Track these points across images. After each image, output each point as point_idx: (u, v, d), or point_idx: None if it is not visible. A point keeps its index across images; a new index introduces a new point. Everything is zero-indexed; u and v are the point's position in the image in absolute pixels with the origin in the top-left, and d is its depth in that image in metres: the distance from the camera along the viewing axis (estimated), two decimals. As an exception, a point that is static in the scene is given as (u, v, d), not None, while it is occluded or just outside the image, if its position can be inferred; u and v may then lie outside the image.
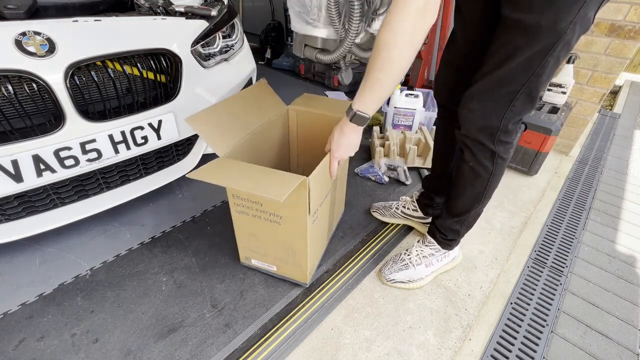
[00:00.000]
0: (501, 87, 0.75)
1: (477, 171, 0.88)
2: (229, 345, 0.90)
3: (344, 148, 0.86)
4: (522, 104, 0.76)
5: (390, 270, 1.09)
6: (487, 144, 0.83)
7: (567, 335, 0.96)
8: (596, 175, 1.72)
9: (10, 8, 0.90)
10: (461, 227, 1.03)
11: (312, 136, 1.22)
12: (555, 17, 0.63)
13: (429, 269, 1.09)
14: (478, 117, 0.81)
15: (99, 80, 0.97)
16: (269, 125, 1.10)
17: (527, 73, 0.71)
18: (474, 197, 0.94)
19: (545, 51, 0.67)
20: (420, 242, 1.12)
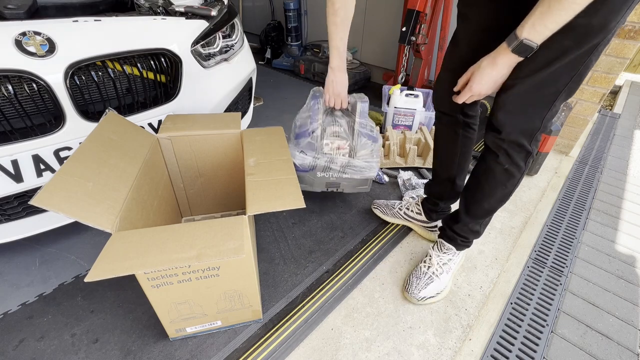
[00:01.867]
0: (543, 89, 0.74)
1: (511, 172, 0.88)
2: (229, 345, 0.90)
3: (490, 83, 0.76)
4: (562, 102, 0.76)
5: (418, 288, 1.04)
6: (526, 144, 0.82)
7: (567, 335, 0.96)
8: (596, 175, 1.72)
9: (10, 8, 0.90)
10: (481, 227, 1.03)
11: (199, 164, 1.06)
12: (607, 16, 0.63)
13: (449, 275, 1.08)
14: (520, 120, 0.80)
15: (99, 80, 0.97)
16: (149, 165, 0.89)
17: (571, 73, 0.71)
18: (502, 197, 0.94)
19: (590, 50, 0.67)
20: (437, 251, 1.09)
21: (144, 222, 0.81)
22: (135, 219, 0.76)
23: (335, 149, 1.23)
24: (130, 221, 0.73)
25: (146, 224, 0.83)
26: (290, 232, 1.28)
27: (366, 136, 1.22)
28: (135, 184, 0.79)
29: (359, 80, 2.72)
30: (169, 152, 1.02)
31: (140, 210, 0.80)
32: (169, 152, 1.01)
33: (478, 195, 0.97)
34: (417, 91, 1.87)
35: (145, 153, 0.88)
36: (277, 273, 1.11)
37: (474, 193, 0.98)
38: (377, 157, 1.25)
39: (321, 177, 1.27)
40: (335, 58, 1.07)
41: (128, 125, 0.92)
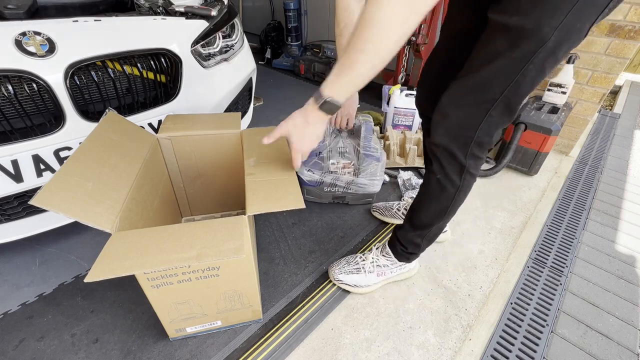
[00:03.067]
0: (478, 93, 0.70)
1: (444, 185, 0.83)
2: (229, 345, 0.90)
3: (310, 140, 0.75)
4: (500, 114, 0.70)
5: (341, 270, 1.06)
6: (458, 156, 0.77)
7: (567, 335, 0.96)
8: (596, 175, 1.72)
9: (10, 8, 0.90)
10: (422, 241, 0.98)
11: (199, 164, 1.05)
12: (539, 20, 0.59)
13: (380, 278, 1.05)
14: (452, 124, 0.75)
15: (99, 80, 0.97)
16: (149, 165, 0.89)
17: (506, 80, 0.66)
18: (438, 212, 0.90)
19: (526, 58, 0.62)
20: (378, 250, 1.07)
21: (144, 222, 0.81)
22: (135, 219, 0.75)
23: (341, 168, 1.30)
24: (130, 221, 0.73)
25: (146, 224, 0.82)
26: (290, 232, 1.28)
27: (370, 157, 1.29)
28: (136, 184, 0.78)
29: (359, 80, 2.71)
30: (169, 152, 1.01)
31: (141, 210, 0.80)
32: (169, 152, 1.01)
33: (416, 205, 0.94)
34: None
35: (145, 153, 0.88)
36: (277, 273, 1.11)
37: (415, 202, 0.94)
38: (381, 174, 1.32)
39: (328, 191, 1.36)
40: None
41: (128, 125, 0.91)
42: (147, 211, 0.84)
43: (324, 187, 1.34)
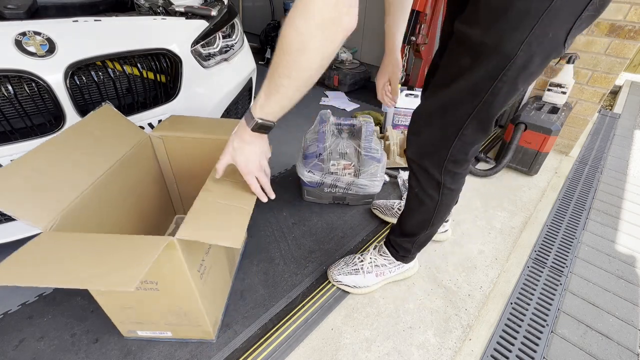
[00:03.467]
0: (447, 112, 0.67)
1: (421, 199, 0.82)
2: (229, 345, 0.90)
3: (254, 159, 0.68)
4: (474, 132, 0.67)
5: (339, 271, 1.06)
6: (433, 172, 0.75)
7: (567, 335, 0.96)
8: (596, 175, 1.72)
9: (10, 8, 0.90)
10: (412, 247, 0.98)
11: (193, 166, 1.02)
12: (501, 35, 0.54)
13: (379, 278, 1.05)
14: (424, 141, 0.73)
15: (98, 80, 0.97)
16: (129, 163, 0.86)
17: (475, 99, 0.62)
18: (421, 223, 0.89)
19: (493, 76, 0.58)
20: (375, 250, 1.07)
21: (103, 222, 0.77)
22: (88, 218, 0.71)
23: (341, 169, 1.30)
24: (79, 220, 0.68)
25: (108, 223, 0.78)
26: (290, 232, 1.28)
27: (371, 158, 1.28)
28: (101, 182, 0.76)
29: (359, 80, 2.72)
30: (161, 151, 0.99)
31: (100, 209, 0.76)
32: (161, 151, 0.99)
33: (404, 213, 0.94)
34: (417, 91, 1.87)
35: (125, 151, 0.86)
36: (277, 273, 1.11)
37: (403, 209, 0.94)
38: (382, 175, 1.31)
39: (328, 192, 1.36)
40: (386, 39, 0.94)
41: (120, 121, 0.89)
42: (113, 210, 0.82)
43: (324, 188, 1.34)
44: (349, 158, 1.29)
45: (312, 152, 1.27)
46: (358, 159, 1.29)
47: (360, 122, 1.36)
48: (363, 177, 1.29)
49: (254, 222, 1.32)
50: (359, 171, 1.29)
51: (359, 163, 1.28)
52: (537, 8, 0.51)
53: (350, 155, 1.29)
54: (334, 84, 2.66)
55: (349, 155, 1.29)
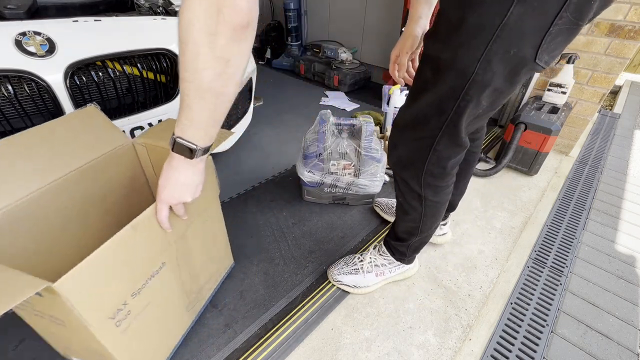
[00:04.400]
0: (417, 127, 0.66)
1: (406, 209, 0.82)
2: (229, 345, 0.90)
3: (174, 188, 0.58)
4: (447, 147, 0.66)
5: (339, 271, 1.06)
6: (413, 185, 0.74)
7: (567, 335, 0.96)
8: (596, 175, 1.72)
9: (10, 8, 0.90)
10: (407, 250, 0.99)
11: None
12: (455, 51, 0.52)
13: (379, 278, 1.05)
14: (400, 154, 0.72)
15: (98, 80, 0.97)
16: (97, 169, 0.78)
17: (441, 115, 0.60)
18: (411, 230, 0.90)
19: (454, 94, 0.56)
20: (375, 250, 1.07)
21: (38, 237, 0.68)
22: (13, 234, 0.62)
23: (341, 169, 1.30)
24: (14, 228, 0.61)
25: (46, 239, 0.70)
26: (290, 232, 1.28)
27: (371, 158, 1.28)
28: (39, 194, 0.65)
29: (359, 80, 2.72)
30: (145, 160, 0.91)
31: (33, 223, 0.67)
32: (145, 159, 0.91)
33: (395, 218, 0.94)
34: (417, 91, 1.86)
35: (97, 155, 0.77)
36: (277, 273, 1.11)
37: (395, 214, 0.94)
38: (382, 175, 1.31)
39: (328, 192, 1.37)
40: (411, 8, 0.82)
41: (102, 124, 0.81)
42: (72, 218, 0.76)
43: (324, 188, 1.34)
44: (349, 158, 1.29)
45: (312, 152, 1.27)
46: (358, 159, 1.29)
47: (360, 122, 1.36)
48: (363, 177, 1.29)
49: (254, 222, 1.32)
50: (359, 171, 1.29)
51: (359, 163, 1.28)
52: (491, 23, 0.49)
53: (350, 155, 1.29)
54: (334, 84, 2.66)
55: (349, 155, 1.29)
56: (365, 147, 1.28)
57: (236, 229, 1.28)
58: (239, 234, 1.25)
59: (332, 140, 1.31)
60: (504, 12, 0.48)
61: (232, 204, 1.40)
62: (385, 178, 1.58)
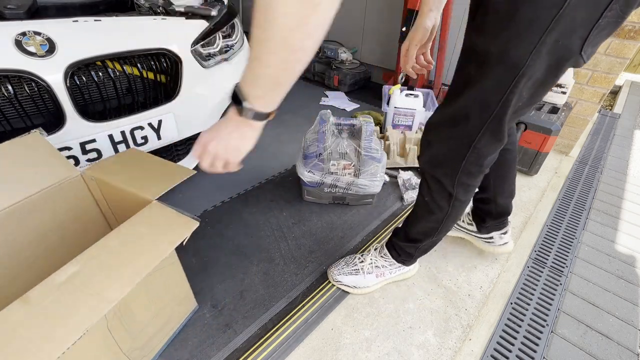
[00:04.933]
0: (458, 125, 0.64)
1: (431, 208, 0.80)
2: (229, 345, 0.90)
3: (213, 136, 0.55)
4: (488, 144, 0.65)
5: (339, 271, 1.06)
6: (446, 184, 0.73)
7: (567, 335, 0.96)
8: (596, 175, 1.72)
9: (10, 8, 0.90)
10: (415, 252, 0.98)
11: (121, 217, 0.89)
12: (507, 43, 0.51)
13: (379, 279, 1.05)
14: (436, 153, 0.71)
15: (99, 80, 0.97)
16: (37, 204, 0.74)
17: (485, 112, 0.59)
18: (427, 231, 0.88)
19: (501, 88, 0.55)
20: (376, 251, 1.06)
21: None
22: None
23: (342, 169, 1.30)
24: None
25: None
26: (290, 232, 1.28)
27: (371, 158, 1.28)
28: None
29: (359, 80, 2.72)
30: (96, 192, 0.87)
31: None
32: (96, 191, 0.87)
33: (410, 219, 0.92)
34: (417, 91, 1.87)
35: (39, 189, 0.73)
36: (277, 273, 1.11)
37: (410, 214, 0.93)
38: (382, 175, 1.31)
39: (328, 192, 1.37)
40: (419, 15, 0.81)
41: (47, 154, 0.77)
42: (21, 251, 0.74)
43: (324, 188, 1.34)
44: (349, 158, 1.29)
45: (312, 152, 1.27)
46: (358, 159, 1.29)
47: (360, 122, 1.36)
48: (363, 177, 1.29)
49: (254, 222, 1.32)
50: (359, 171, 1.29)
51: (359, 163, 1.28)
52: (546, 15, 0.48)
53: (350, 155, 1.29)
54: (334, 84, 2.66)
55: (349, 155, 1.30)
56: (365, 147, 1.28)
57: (236, 228, 1.28)
58: (239, 233, 1.25)
59: (332, 140, 1.31)
60: (561, 3, 0.47)
61: (232, 204, 1.40)
62: (385, 178, 1.58)
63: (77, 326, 0.51)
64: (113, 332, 0.68)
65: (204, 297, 1.02)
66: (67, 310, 0.52)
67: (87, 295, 0.55)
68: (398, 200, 1.47)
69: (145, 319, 0.78)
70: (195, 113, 1.26)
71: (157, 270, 0.75)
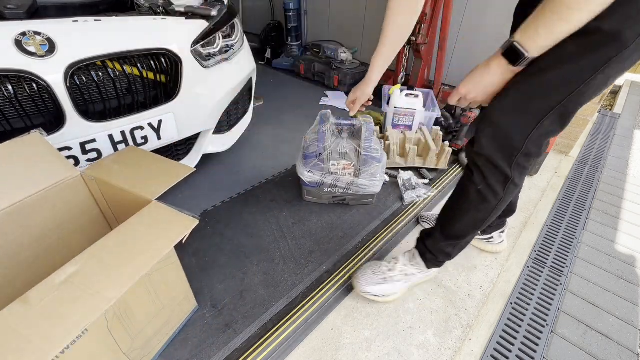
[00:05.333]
0: (533, 101, 0.64)
1: (484, 196, 0.78)
2: (229, 345, 0.90)
3: (479, 87, 0.68)
4: (551, 124, 0.65)
5: (367, 281, 1.02)
6: (503, 166, 0.73)
7: (567, 335, 0.96)
8: (596, 175, 1.72)
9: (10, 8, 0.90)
10: (454, 250, 0.95)
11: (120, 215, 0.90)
12: (622, 23, 0.52)
13: (406, 285, 1.04)
14: (499, 133, 0.70)
15: (99, 80, 0.97)
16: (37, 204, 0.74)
17: (567, 88, 0.60)
18: (475, 223, 0.85)
19: (597, 65, 0.56)
20: (406, 259, 1.04)
21: None
22: None
23: (342, 169, 1.30)
24: None
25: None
26: (290, 232, 1.28)
27: (371, 158, 1.28)
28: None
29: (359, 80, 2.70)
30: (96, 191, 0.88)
31: None
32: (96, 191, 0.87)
33: (450, 215, 0.90)
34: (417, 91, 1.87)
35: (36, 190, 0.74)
36: (277, 273, 1.11)
37: (448, 211, 0.91)
38: (382, 175, 1.31)
39: (328, 192, 1.37)
40: (369, 70, 1.06)
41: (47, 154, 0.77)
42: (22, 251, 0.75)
43: (324, 188, 1.34)
44: (349, 158, 1.29)
45: (312, 152, 1.27)
46: (358, 159, 1.29)
47: (360, 122, 1.36)
48: (363, 177, 1.29)
49: (254, 222, 1.32)
50: (359, 171, 1.29)
51: (359, 163, 1.28)
52: None
53: (350, 155, 1.29)
54: (334, 84, 2.66)
55: (349, 155, 1.29)
56: (365, 147, 1.28)
57: (236, 228, 1.28)
58: (239, 233, 1.25)
59: (332, 140, 1.31)
60: None
61: (232, 204, 1.40)
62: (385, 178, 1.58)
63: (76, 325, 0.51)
64: (113, 332, 0.68)
65: (204, 297, 1.02)
66: (66, 310, 0.53)
67: (86, 294, 0.55)
68: (398, 200, 1.47)
69: (145, 319, 0.78)
70: (195, 113, 1.26)
71: (157, 270, 0.76)
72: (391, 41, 0.96)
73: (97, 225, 0.93)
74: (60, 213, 0.82)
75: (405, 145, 1.69)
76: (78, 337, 0.58)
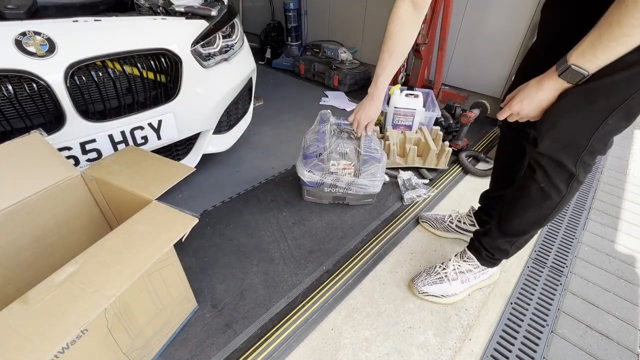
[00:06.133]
0: (596, 102, 0.65)
1: (547, 193, 0.79)
2: (229, 345, 0.90)
3: (532, 105, 0.71)
4: (617, 121, 0.65)
5: (423, 282, 1.04)
6: (567, 164, 0.73)
7: (567, 335, 0.96)
8: (596, 175, 1.72)
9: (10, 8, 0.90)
10: (511, 247, 0.94)
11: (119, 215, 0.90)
12: None
13: (465, 285, 1.03)
14: (563, 133, 0.70)
15: (99, 80, 0.97)
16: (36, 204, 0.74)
17: (630, 90, 0.61)
18: (536, 220, 0.85)
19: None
20: (458, 257, 1.06)
21: None
22: None
23: (342, 168, 1.30)
24: None
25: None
26: (290, 232, 1.28)
27: (371, 158, 1.28)
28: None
29: (359, 80, 2.72)
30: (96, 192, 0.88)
31: None
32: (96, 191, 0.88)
33: (510, 212, 0.89)
34: (417, 91, 1.87)
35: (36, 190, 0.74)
36: (277, 273, 1.11)
37: (508, 209, 0.90)
38: (382, 175, 1.31)
39: (328, 192, 1.36)
40: (373, 85, 1.09)
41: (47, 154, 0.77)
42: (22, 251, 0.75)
43: (324, 188, 1.34)
44: (349, 158, 1.29)
45: (312, 152, 1.28)
46: (358, 158, 1.29)
47: None
48: (363, 177, 1.29)
49: (254, 222, 1.32)
50: (359, 171, 1.29)
51: (359, 163, 1.28)
52: None
53: (350, 155, 1.29)
54: (334, 84, 2.66)
55: (349, 155, 1.29)
56: (365, 147, 1.28)
57: (236, 228, 1.28)
58: (239, 233, 1.25)
59: (332, 140, 1.31)
60: None
61: (232, 204, 1.40)
62: (385, 178, 1.58)
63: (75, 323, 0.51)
64: (113, 332, 0.68)
65: (204, 297, 1.02)
66: (66, 308, 0.53)
67: (85, 293, 0.55)
68: (398, 200, 1.47)
69: (145, 319, 0.78)
70: (195, 113, 1.26)
71: (157, 270, 0.76)
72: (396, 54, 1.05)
73: (97, 225, 0.93)
74: (60, 213, 0.82)
75: (405, 145, 1.69)
76: (78, 336, 0.58)
